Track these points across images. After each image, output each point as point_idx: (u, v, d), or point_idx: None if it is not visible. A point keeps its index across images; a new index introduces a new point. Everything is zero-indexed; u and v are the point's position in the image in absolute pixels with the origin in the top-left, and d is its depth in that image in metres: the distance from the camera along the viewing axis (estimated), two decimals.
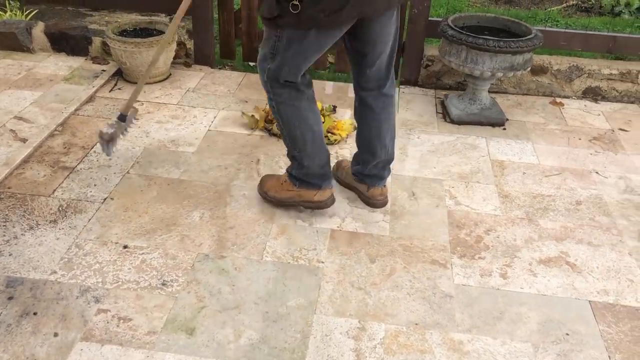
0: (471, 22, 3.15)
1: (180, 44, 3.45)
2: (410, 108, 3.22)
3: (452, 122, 3.06)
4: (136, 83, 3.25)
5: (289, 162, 2.62)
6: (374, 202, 2.36)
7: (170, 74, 3.40)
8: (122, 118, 2.35)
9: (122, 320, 1.82)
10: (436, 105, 3.27)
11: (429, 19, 3.29)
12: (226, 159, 2.63)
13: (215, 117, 2.99)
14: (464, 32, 2.90)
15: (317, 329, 1.82)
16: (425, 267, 2.09)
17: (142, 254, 2.09)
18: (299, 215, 2.32)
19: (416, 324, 1.86)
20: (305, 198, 2.25)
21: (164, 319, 1.83)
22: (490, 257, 2.16)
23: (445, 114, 3.13)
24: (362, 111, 2.22)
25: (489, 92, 3.15)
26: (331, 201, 2.27)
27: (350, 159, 2.45)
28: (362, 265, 2.09)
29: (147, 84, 3.26)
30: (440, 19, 3.27)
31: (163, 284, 1.96)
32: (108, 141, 2.32)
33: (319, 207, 2.27)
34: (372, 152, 2.27)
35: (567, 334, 1.86)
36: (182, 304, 1.89)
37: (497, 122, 3.06)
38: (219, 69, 3.55)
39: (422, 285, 2.01)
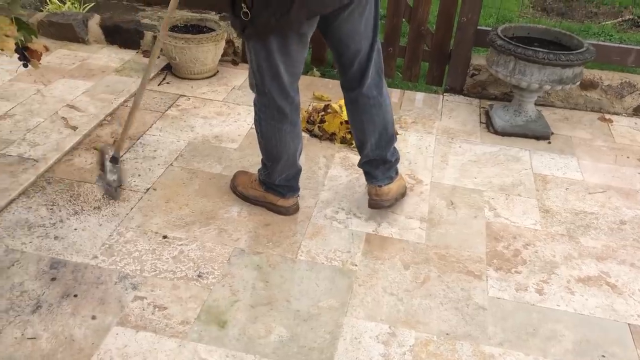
0: (521, 32, 3.10)
1: (229, 42, 3.50)
2: (453, 116, 3.19)
3: (496, 132, 3.02)
4: (185, 78, 3.33)
5: (329, 164, 2.64)
6: (369, 201, 2.34)
7: (218, 71, 3.46)
8: (116, 160, 2.25)
9: (157, 309, 1.86)
10: (480, 115, 3.23)
11: (478, 27, 3.26)
12: None
13: None
14: (513, 43, 2.86)
15: (347, 331, 1.83)
16: (459, 277, 2.07)
17: (181, 245, 2.13)
18: (335, 216, 2.33)
19: (447, 334, 1.84)
20: (269, 200, 2.32)
21: (198, 310, 1.87)
22: (527, 271, 2.12)
23: (489, 124, 3.09)
24: (347, 109, 2.25)
25: (535, 104, 3.09)
26: (294, 209, 2.33)
27: None
28: (396, 271, 2.08)
29: (195, 79, 3.34)
30: (489, 29, 3.23)
31: (199, 276, 2.00)
32: (116, 188, 2.28)
33: (280, 212, 2.32)
34: (360, 148, 2.30)
35: (604, 356, 1.81)
36: (216, 297, 1.92)
37: (542, 135, 3.01)
38: None
39: (456, 295, 1.99)
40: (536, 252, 2.22)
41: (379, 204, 2.30)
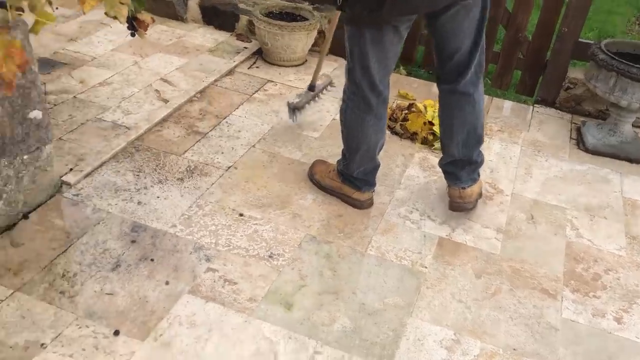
0: (626, 48, 2.93)
1: (321, 33, 3.53)
2: (542, 129, 3.07)
3: (586, 150, 2.88)
4: (274, 64, 3.39)
5: (407, 163, 2.61)
6: (450, 204, 2.30)
7: (306, 60, 3.49)
8: (312, 88, 2.78)
9: (227, 283, 1.91)
10: (571, 130, 3.10)
11: (579, 39, 3.12)
12: None
13: None
14: (617, 58, 2.71)
15: (410, 331, 1.81)
16: (533, 294, 2.00)
17: (255, 224, 2.18)
18: (409, 216, 2.30)
19: (514, 349, 1.78)
20: (344, 192, 2.32)
21: (266, 289, 1.90)
22: (607, 297, 2.02)
23: (579, 141, 2.96)
24: (440, 103, 2.22)
25: (632, 125, 2.93)
26: (368, 204, 2.32)
27: None
28: (467, 278, 2.03)
29: (284, 66, 3.39)
30: (590, 42, 3.09)
31: (270, 256, 2.03)
32: (294, 109, 2.70)
33: (354, 205, 2.32)
34: (444, 146, 2.26)
35: None
36: (284, 279, 1.95)
37: (636, 158, 2.84)
38: None
39: (527, 311, 1.92)
40: (618, 279, 2.10)
41: (463, 207, 2.26)
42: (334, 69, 3.44)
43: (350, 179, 2.28)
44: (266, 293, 1.89)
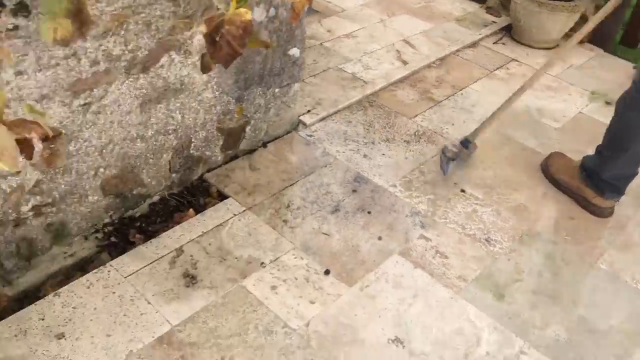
0: None
1: (583, 17, 3.19)
2: None
3: None
4: (522, 43, 3.17)
5: None
6: None
7: (558, 45, 3.20)
8: (465, 144, 2.18)
9: (438, 254, 1.85)
10: None
11: None
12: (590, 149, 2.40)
13: (590, 102, 2.73)
14: None
15: None
16: None
17: (476, 203, 2.07)
18: None
19: None
20: (582, 194, 2.07)
21: (478, 272, 1.80)
22: None
23: None
24: None
25: None
26: (608, 212, 2.06)
27: None
28: None
29: (532, 47, 3.15)
30: None
31: (487, 240, 1.92)
32: (449, 159, 2.15)
33: (592, 211, 2.06)
34: None
35: None
36: (499, 267, 1.83)
37: None
38: (614, 55, 3.20)
39: None
40: None
41: None
42: (589, 59, 3.11)
43: (597, 180, 2.04)
44: (477, 276, 1.79)
